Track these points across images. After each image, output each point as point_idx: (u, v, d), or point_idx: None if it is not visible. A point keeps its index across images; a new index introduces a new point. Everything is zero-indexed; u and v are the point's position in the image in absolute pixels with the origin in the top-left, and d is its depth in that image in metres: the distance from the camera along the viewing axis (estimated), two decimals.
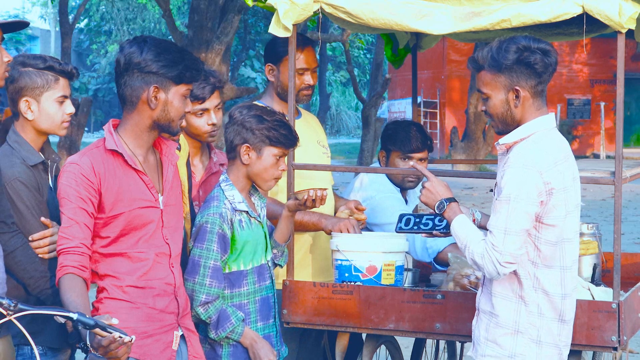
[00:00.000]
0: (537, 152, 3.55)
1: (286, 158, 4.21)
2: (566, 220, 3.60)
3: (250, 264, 4.07)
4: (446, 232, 3.92)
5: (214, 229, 3.94)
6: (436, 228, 3.98)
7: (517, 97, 3.60)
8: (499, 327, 3.65)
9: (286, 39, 4.38)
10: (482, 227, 3.92)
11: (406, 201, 5.22)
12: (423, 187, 3.89)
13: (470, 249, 3.61)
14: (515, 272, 3.61)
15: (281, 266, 4.31)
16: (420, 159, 5.10)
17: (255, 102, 4.53)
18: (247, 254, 4.06)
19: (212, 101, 4.26)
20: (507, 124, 3.67)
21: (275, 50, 4.67)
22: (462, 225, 3.71)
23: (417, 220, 4.07)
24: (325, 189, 4.20)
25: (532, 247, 3.59)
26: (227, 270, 4.02)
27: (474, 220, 3.91)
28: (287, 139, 4.07)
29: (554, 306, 3.63)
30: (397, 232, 4.15)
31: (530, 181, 3.50)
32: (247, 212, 4.05)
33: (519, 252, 3.54)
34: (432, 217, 4.00)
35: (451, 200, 3.81)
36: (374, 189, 5.08)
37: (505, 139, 3.65)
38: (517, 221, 3.51)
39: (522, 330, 3.62)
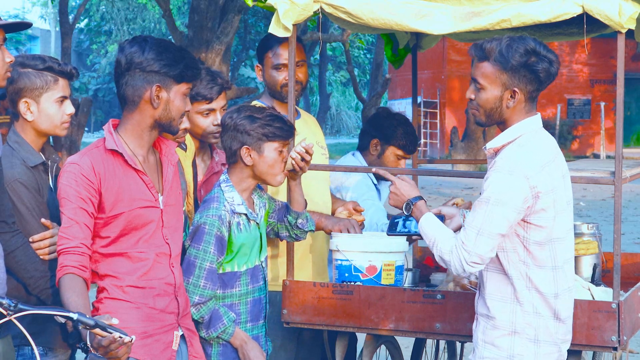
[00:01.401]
0: (523, 156, 3.53)
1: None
2: (556, 221, 3.58)
3: (245, 265, 4.08)
4: None
5: (212, 230, 3.94)
6: None
7: (512, 97, 3.59)
8: (495, 329, 3.64)
9: (267, 38, 4.50)
10: None
11: (379, 192, 5.24)
12: (390, 191, 3.89)
13: (438, 247, 3.60)
14: (507, 274, 3.60)
15: (313, 230, 4.35)
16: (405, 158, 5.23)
17: (256, 102, 4.53)
18: (242, 255, 4.06)
19: (219, 102, 4.27)
20: (491, 119, 3.64)
21: (259, 50, 4.71)
22: (429, 223, 3.70)
23: (409, 222, 4.09)
24: (303, 139, 4.28)
25: (521, 247, 3.58)
26: (221, 271, 4.02)
27: (464, 220, 3.91)
28: (283, 131, 4.08)
29: (548, 305, 3.62)
30: (388, 235, 4.15)
31: (516, 187, 3.48)
32: (245, 215, 4.05)
33: (488, 254, 3.52)
34: None
35: (418, 199, 3.80)
36: (344, 174, 5.11)
37: (492, 143, 3.64)
38: (493, 224, 3.48)
39: (519, 330, 3.61)
